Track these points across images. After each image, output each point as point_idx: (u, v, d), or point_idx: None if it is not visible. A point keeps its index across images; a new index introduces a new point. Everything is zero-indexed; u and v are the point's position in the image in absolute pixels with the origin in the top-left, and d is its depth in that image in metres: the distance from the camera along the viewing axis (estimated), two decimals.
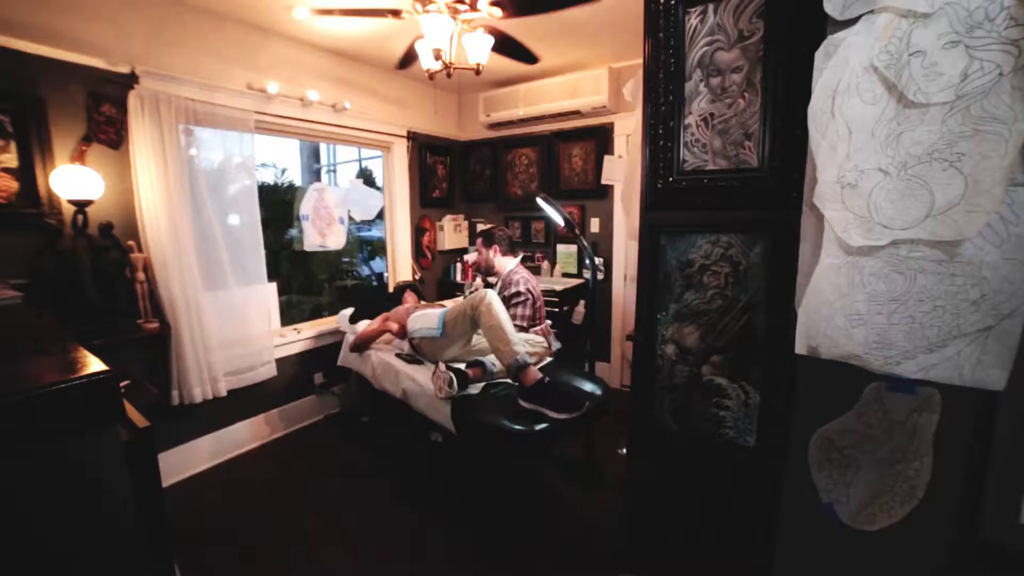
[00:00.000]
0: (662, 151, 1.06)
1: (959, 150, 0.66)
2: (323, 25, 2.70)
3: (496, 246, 2.70)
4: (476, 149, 4.31)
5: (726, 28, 1.00)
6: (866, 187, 0.71)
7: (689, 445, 1.16)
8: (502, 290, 2.62)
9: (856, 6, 0.73)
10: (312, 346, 3.27)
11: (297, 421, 3.22)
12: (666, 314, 1.09)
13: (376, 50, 3.19)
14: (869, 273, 0.71)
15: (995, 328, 0.65)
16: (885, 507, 0.80)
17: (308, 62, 3.10)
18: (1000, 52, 0.64)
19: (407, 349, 2.54)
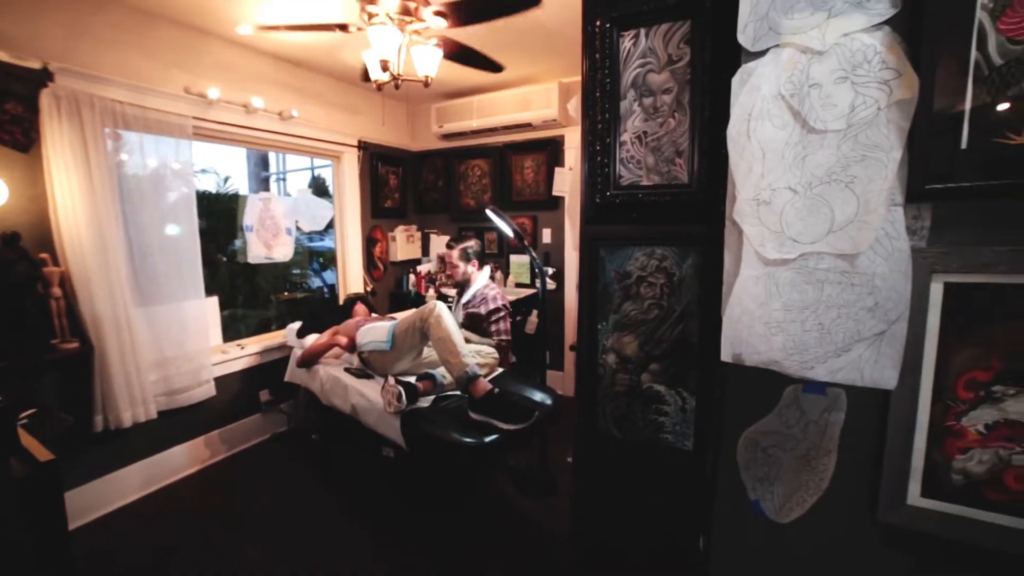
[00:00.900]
0: (599, 167, 1.09)
1: (852, 173, 0.72)
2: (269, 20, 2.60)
3: (475, 260, 2.69)
4: (429, 159, 4.29)
5: (657, 52, 1.05)
6: (778, 204, 0.76)
7: (632, 451, 1.18)
8: (477, 305, 2.61)
9: (764, 39, 0.79)
10: (257, 362, 3.11)
11: (241, 442, 3.04)
12: (606, 324, 1.12)
13: (326, 58, 3.12)
14: (784, 283, 0.76)
15: (887, 332, 0.71)
16: (800, 500, 0.85)
17: (253, 68, 2.98)
18: (877, 89, 0.71)
19: (356, 363, 2.47)
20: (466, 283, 2.66)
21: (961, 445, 0.75)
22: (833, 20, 0.75)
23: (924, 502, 0.78)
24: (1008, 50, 0.66)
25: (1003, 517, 0.73)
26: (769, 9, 0.79)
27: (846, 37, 0.74)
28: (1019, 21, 0.65)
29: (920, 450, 0.77)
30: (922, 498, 0.78)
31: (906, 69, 0.71)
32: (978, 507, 0.75)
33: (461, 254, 2.61)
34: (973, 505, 0.75)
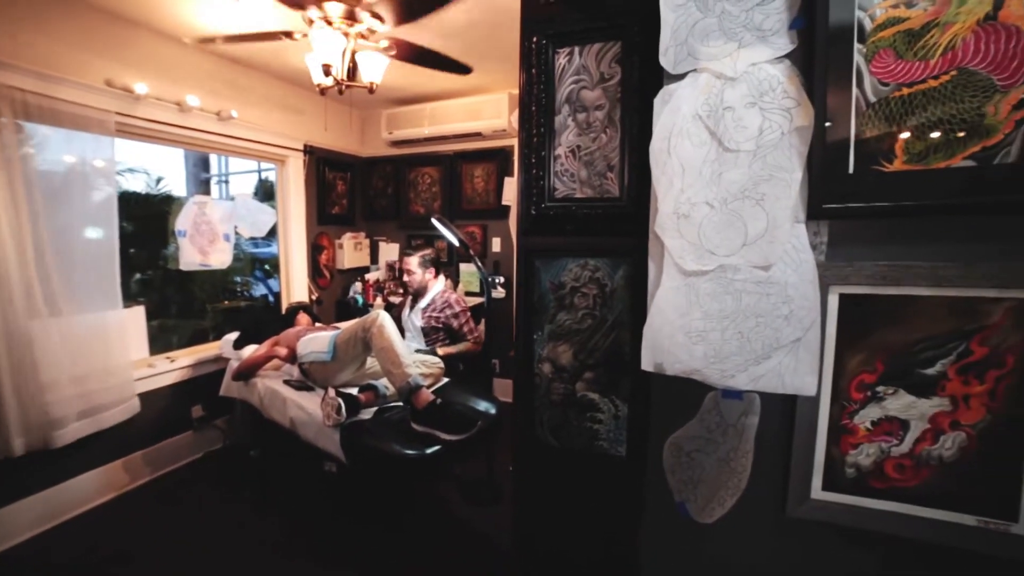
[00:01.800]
0: (535, 179, 1.10)
1: (761, 191, 0.77)
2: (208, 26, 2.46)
3: (432, 268, 2.67)
4: (378, 166, 4.20)
5: (590, 70, 1.08)
6: (696, 218, 0.79)
7: (568, 459, 1.19)
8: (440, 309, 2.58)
9: (684, 64, 0.83)
10: (189, 376, 2.89)
11: (169, 462, 2.79)
12: (542, 334, 1.13)
13: (271, 58, 2.99)
14: (704, 294, 0.79)
15: (803, 339, 0.76)
16: (721, 500, 0.89)
17: (189, 64, 2.78)
18: (780, 115, 0.76)
19: (296, 375, 2.35)
20: (423, 290, 2.62)
21: (853, 441, 0.81)
22: (743, 50, 0.80)
23: (825, 495, 0.83)
24: (879, 90, 0.73)
25: (885, 503, 0.80)
26: (688, 36, 0.83)
27: (754, 66, 0.79)
28: (886, 66, 0.72)
29: (821, 448, 0.82)
30: (823, 491, 0.83)
31: (803, 99, 0.76)
32: (866, 496, 0.81)
33: (420, 261, 2.58)
34: (862, 494, 0.81)
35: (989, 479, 0.76)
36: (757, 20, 0.79)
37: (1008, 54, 0.68)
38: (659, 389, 0.91)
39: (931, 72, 0.72)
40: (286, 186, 3.61)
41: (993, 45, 0.69)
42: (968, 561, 0.77)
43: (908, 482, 0.80)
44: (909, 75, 0.73)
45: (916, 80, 0.73)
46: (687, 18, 0.83)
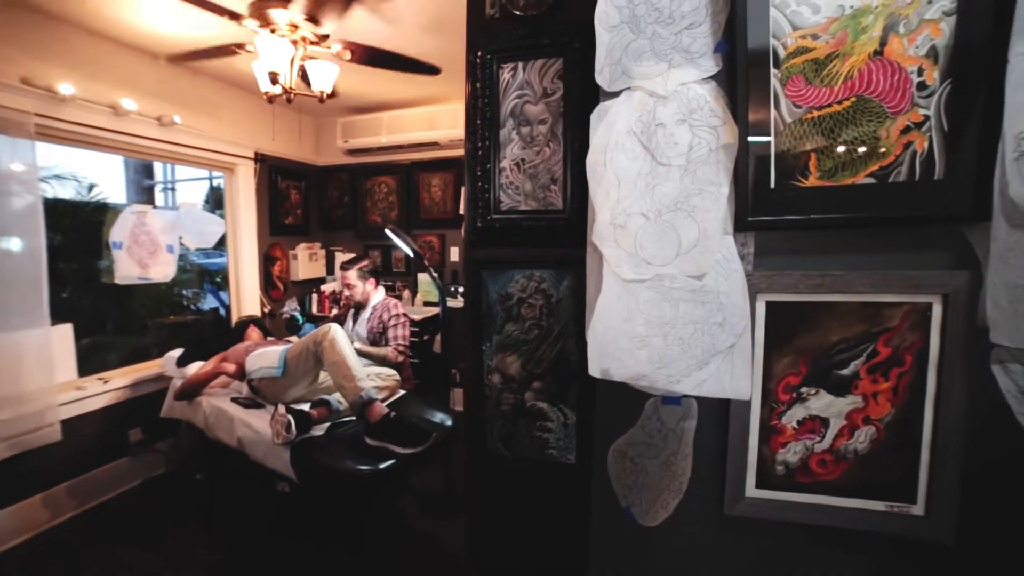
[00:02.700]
0: (480, 191, 1.10)
1: (693, 203, 0.80)
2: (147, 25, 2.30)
3: (372, 279, 2.60)
4: (334, 175, 4.09)
5: (533, 85, 1.09)
6: (632, 228, 0.81)
7: (520, 468, 1.18)
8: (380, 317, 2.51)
9: (619, 82, 0.85)
10: (126, 397, 2.67)
11: (101, 493, 2.54)
12: (490, 345, 1.12)
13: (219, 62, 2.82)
14: (643, 301, 0.81)
15: (736, 345, 0.79)
16: (664, 504, 0.90)
17: (125, 65, 2.59)
18: (708, 133, 0.79)
19: (246, 392, 2.23)
20: (365, 302, 2.56)
21: (782, 440, 0.85)
22: (673, 70, 0.83)
23: (758, 492, 0.87)
24: (793, 111, 0.78)
25: (810, 496, 0.84)
26: (622, 56, 0.86)
27: (683, 86, 0.82)
28: (798, 90, 0.77)
29: (754, 448, 0.86)
30: (756, 489, 0.87)
31: (728, 118, 0.80)
32: (794, 491, 0.85)
33: (359, 274, 2.52)
34: (791, 490, 0.85)
35: (894, 467, 0.81)
36: (685, 43, 0.83)
37: (894, 85, 0.74)
38: (603, 397, 0.92)
39: (835, 97, 0.77)
40: (236, 195, 3.45)
41: (882, 77, 0.75)
42: (879, 542, 0.82)
43: (829, 475, 0.84)
44: (818, 99, 0.78)
45: (824, 104, 0.78)
46: (621, 39, 0.85)
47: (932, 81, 0.74)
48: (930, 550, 0.81)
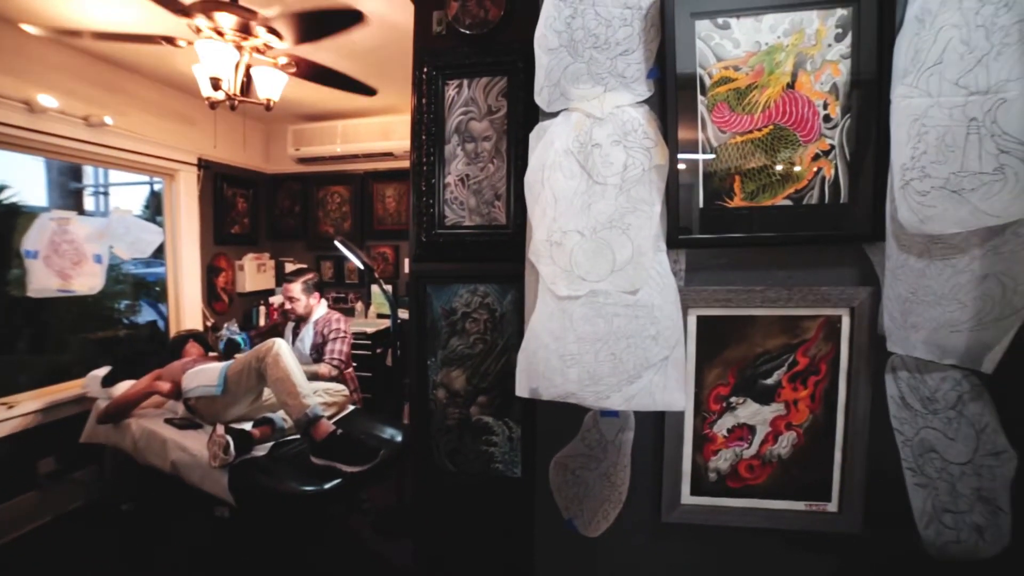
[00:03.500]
0: (425, 206, 1.09)
1: (627, 221, 0.82)
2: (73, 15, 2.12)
3: (315, 293, 2.49)
4: (285, 183, 3.93)
5: (478, 102, 1.09)
6: (568, 246, 0.82)
7: (467, 483, 1.16)
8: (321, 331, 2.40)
9: (557, 103, 0.87)
10: (37, 423, 2.38)
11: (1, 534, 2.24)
12: (435, 360, 1.10)
13: (157, 61, 2.65)
14: (577, 318, 0.81)
15: (670, 357, 0.80)
16: (605, 514, 0.91)
17: (44, 58, 2.36)
18: (642, 154, 0.82)
19: (182, 412, 2.07)
20: (307, 316, 2.45)
21: (714, 448, 0.87)
22: (609, 94, 0.85)
23: (693, 499, 0.89)
24: (719, 136, 0.82)
25: (740, 500, 0.87)
26: (560, 78, 0.87)
27: (618, 108, 0.85)
28: (723, 116, 0.81)
29: (688, 456, 0.88)
30: (691, 496, 0.89)
31: (660, 140, 0.83)
32: (725, 496, 0.88)
33: (303, 287, 2.41)
34: (722, 495, 0.88)
35: (812, 470, 0.86)
36: (620, 68, 0.85)
37: (804, 116, 0.80)
38: (543, 411, 0.91)
39: (755, 125, 0.82)
40: (176, 203, 3.23)
41: (794, 108, 0.80)
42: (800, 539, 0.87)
43: (757, 480, 0.87)
44: (740, 126, 0.82)
45: (746, 130, 0.82)
46: (559, 62, 0.87)
47: (835, 114, 0.80)
48: (843, 541, 0.85)
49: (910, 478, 0.81)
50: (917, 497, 0.81)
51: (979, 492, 0.79)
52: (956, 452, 0.79)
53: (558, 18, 0.86)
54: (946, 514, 0.80)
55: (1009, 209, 0.74)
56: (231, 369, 1.90)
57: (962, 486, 0.79)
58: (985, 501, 0.79)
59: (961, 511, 0.80)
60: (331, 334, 2.37)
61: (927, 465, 0.80)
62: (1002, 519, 0.79)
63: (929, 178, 0.77)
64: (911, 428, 0.81)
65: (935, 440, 0.80)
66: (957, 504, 0.80)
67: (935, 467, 0.80)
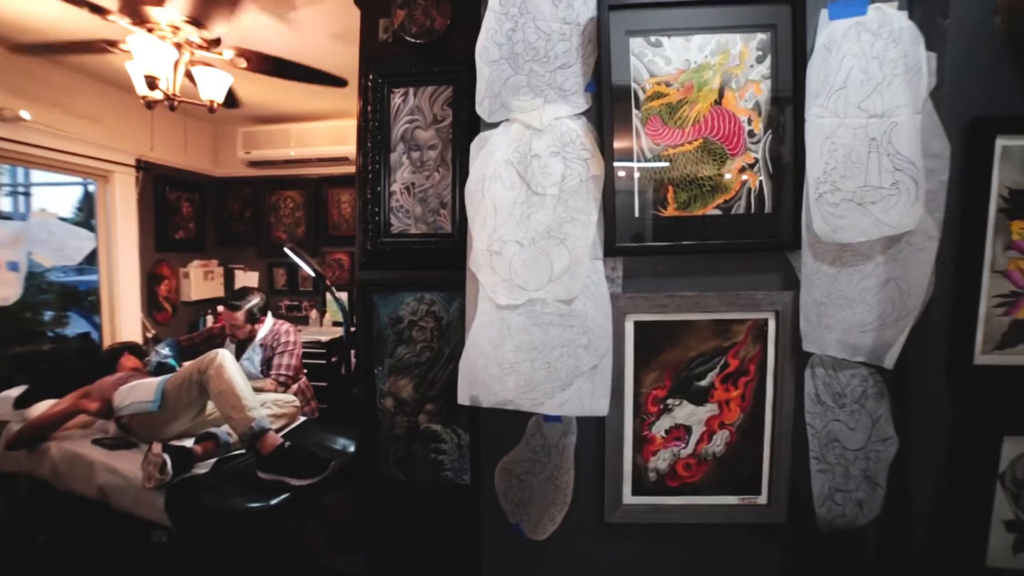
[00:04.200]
0: (371, 215, 1.07)
1: (565, 231, 0.83)
2: None
3: (262, 317, 2.31)
4: (235, 187, 3.75)
5: (423, 110, 1.09)
6: (507, 255, 0.83)
7: (417, 492, 1.14)
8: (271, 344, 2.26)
9: (498, 113, 0.87)
10: None
11: None
12: (382, 369, 1.08)
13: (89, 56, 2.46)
14: (515, 327, 0.82)
15: (599, 366, 0.82)
16: (551, 517, 0.92)
17: None
18: (580, 165, 0.84)
19: (113, 431, 1.92)
20: (252, 337, 2.29)
21: (653, 449, 0.90)
22: (548, 106, 0.87)
23: (634, 499, 0.91)
24: (653, 148, 0.85)
25: (679, 498, 0.90)
26: (501, 89, 0.88)
27: (557, 120, 0.86)
28: (656, 129, 0.85)
29: (628, 458, 0.90)
30: (632, 496, 0.91)
31: (596, 152, 0.85)
32: (665, 494, 0.91)
33: (247, 316, 2.24)
34: (662, 494, 0.91)
35: (744, 465, 0.90)
36: (559, 81, 0.87)
37: (731, 131, 0.85)
38: (487, 417, 0.91)
39: (686, 138, 0.85)
40: (111, 206, 3.01)
41: (722, 123, 0.85)
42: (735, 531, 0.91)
43: (693, 477, 0.91)
44: (672, 139, 0.86)
45: (677, 143, 0.86)
46: (500, 73, 0.88)
47: (758, 130, 0.85)
48: (771, 530, 0.90)
49: (814, 466, 0.88)
50: (818, 482, 0.88)
51: (865, 473, 0.87)
52: (854, 440, 0.87)
53: (499, 31, 0.87)
54: (838, 493, 0.88)
55: (903, 220, 0.81)
56: (169, 383, 1.78)
57: (854, 469, 0.87)
58: (869, 480, 0.87)
59: (849, 490, 0.88)
60: (279, 348, 2.24)
61: (829, 453, 0.87)
62: (879, 494, 0.88)
63: (839, 191, 0.84)
64: (821, 421, 0.87)
65: (839, 431, 0.87)
66: (847, 484, 0.88)
67: (836, 454, 0.87)
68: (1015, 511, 0.82)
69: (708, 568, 0.93)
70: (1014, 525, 0.83)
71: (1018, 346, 0.81)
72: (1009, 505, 0.82)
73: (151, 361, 2.21)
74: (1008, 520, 0.83)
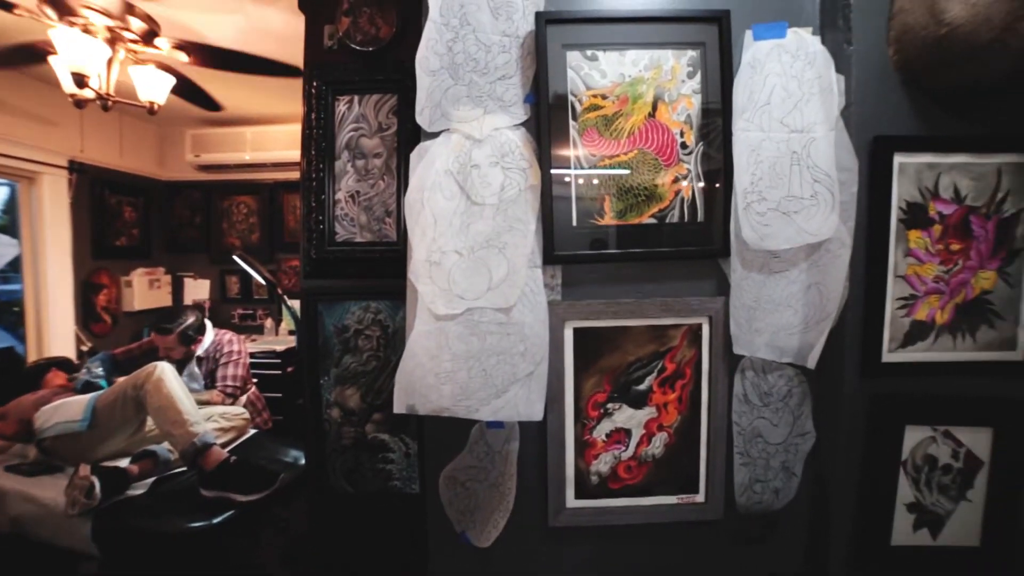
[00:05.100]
0: (315, 223, 1.06)
1: (504, 240, 0.85)
2: None
3: (199, 337, 2.17)
4: (184, 192, 3.60)
5: (368, 119, 1.09)
6: (447, 265, 0.84)
7: (366, 503, 1.13)
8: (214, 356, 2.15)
9: (439, 123, 0.89)
10: None
11: None
12: (328, 379, 1.06)
13: None
14: (453, 336, 0.83)
15: (535, 372, 0.85)
16: (495, 524, 0.93)
17: None
18: (518, 174, 0.86)
19: (34, 455, 1.78)
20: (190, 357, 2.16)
21: (594, 453, 0.93)
22: (487, 116, 0.89)
23: (577, 503, 0.93)
24: (590, 159, 0.88)
25: (621, 500, 0.94)
26: (441, 99, 0.89)
27: (497, 131, 0.88)
28: (592, 141, 0.88)
29: (571, 462, 0.92)
30: (576, 500, 0.93)
31: (535, 162, 0.88)
32: (607, 497, 0.94)
33: (180, 339, 2.10)
34: (604, 496, 0.93)
35: (682, 466, 0.94)
36: (499, 92, 0.89)
37: (665, 143, 0.89)
38: (431, 426, 0.92)
39: (622, 149, 0.89)
40: (38, 210, 2.81)
41: (656, 135, 0.89)
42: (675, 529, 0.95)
43: (634, 479, 0.94)
44: (608, 150, 0.89)
45: (614, 154, 0.89)
46: (441, 83, 0.89)
47: (691, 142, 0.90)
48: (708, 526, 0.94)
49: (738, 460, 0.93)
50: (740, 474, 0.94)
51: (784, 464, 0.94)
52: (776, 435, 0.93)
53: (440, 41, 0.89)
54: (757, 483, 0.94)
55: (822, 229, 0.87)
56: (101, 400, 1.68)
57: (774, 461, 0.94)
58: (786, 470, 0.94)
59: (768, 480, 0.94)
60: (222, 358, 2.15)
61: (753, 448, 0.93)
62: (794, 482, 0.95)
63: (765, 201, 0.89)
64: (747, 420, 0.92)
65: (763, 427, 0.92)
66: (767, 475, 0.94)
67: (758, 449, 0.93)
68: (915, 494, 0.90)
69: (653, 567, 0.96)
70: (914, 507, 0.91)
71: (917, 344, 0.89)
72: (910, 489, 0.90)
73: (77, 380, 2.05)
74: (909, 503, 0.90)
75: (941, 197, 0.87)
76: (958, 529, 0.90)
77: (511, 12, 0.89)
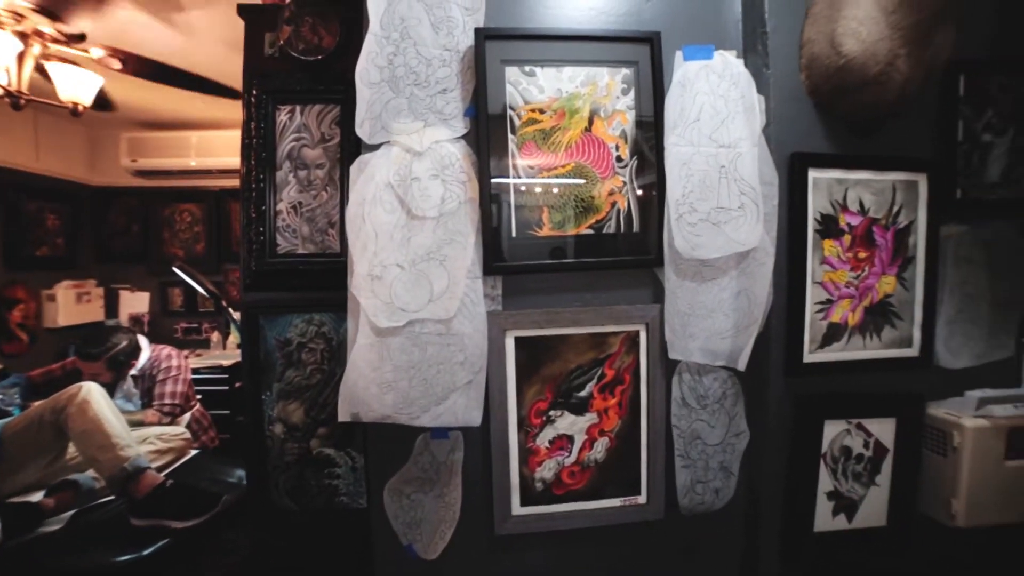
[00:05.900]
0: (256, 234, 1.05)
1: (444, 252, 0.89)
2: None
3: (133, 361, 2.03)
4: (119, 199, 3.43)
5: (311, 129, 1.10)
6: (388, 279, 0.86)
7: (311, 520, 1.12)
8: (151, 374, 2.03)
9: (379, 136, 0.91)
10: None
11: None
12: (270, 394, 1.06)
13: None
14: (394, 348, 0.86)
15: (473, 381, 0.88)
16: (442, 535, 0.95)
17: None
18: (458, 187, 0.90)
19: None
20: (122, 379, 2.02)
21: (538, 459, 0.97)
22: (428, 129, 0.92)
23: (523, 510, 0.97)
24: (528, 171, 0.93)
25: (565, 505, 0.98)
26: (382, 111, 0.92)
27: (437, 144, 0.92)
28: (531, 154, 0.93)
29: (515, 470, 0.96)
30: (521, 507, 0.97)
31: (474, 175, 0.92)
32: (552, 503, 0.98)
33: (109, 364, 1.94)
34: (549, 502, 0.97)
35: (624, 469, 0.99)
36: (439, 105, 0.93)
37: (600, 156, 0.95)
38: (375, 437, 0.93)
39: (560, 162, 0.95)
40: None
41: (592, 149, 0.95)
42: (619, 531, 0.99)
43: (578, 484, 0.98)
44: (547, 163, 0.94)
45: (552, 167, 0.95)
46: (381, 96, 0.92)
47: (625, 155, 0.97)
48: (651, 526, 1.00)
49: (679, 462, 1.00)
50: (681, 476, 1.00)
51: (722, 464, 1.01)
52: (714, 436, 1.00)
53: (380, 54, 0.91)
54: (698, 484, 1.01)
55: (749, 238, 0.95)
56: (9, 428, 1.57)
57: (713, 462, 1.01)
58: (724, 470, 1.01)
59: (708, 480, 1.01)
60: (159, 375, 2.05)
61: (692, 450, 0.99)
62: (732, 480, 1.02)
63: (696, 212, 0.97)
64: (686, 423, 0.99)
65: (701, 429, 0.99)
66: (707, 476, 1.01)
67: (698, 450, 1.00)
68: (833, 483, 0.99)
69: (601, 569, 1.01)
70: (833, 495, 1.00)
71: (833, 345, 0.98)
72: (829, 478, 0.99)
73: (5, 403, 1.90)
74: (829, 491, 0.99)
75: (849, 209, 0.97)
76: (869, 512, 1.00)
77: (451, 27, 0.93)
